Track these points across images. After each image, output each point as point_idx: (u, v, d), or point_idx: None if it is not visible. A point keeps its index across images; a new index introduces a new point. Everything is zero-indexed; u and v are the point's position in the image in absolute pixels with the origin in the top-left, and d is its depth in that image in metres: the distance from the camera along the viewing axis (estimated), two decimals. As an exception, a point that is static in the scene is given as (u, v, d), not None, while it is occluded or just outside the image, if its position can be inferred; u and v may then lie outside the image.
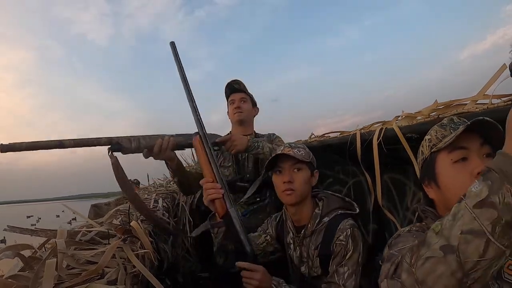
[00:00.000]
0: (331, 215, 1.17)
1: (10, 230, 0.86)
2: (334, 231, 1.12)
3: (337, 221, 1.14)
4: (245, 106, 1.81)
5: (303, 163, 1.18)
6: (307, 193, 1.20)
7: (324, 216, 1.18)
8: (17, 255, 0.72)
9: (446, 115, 1.24)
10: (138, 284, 0.89)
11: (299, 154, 1.18)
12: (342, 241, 1.08)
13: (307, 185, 1.19)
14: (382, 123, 1.59)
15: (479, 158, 0.68)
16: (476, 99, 1.22)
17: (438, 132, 0.77)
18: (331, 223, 1.15)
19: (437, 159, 0.74)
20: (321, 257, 1.13)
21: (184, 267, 2.03)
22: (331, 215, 1.17)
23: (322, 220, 1.17)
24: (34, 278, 0.63)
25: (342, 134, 1.84)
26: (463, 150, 0.70)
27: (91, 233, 0.98)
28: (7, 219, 26.59)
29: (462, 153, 0.70)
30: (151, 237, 1.31)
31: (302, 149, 1.21)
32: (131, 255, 0.89)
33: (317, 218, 1.18)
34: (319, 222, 1.17)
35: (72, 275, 0.72)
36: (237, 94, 1.83)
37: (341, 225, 1.12)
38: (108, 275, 0.77)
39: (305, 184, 1.18)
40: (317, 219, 1.18)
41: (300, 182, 1.17)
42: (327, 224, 1.15)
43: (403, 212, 1.70)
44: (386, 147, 1.46)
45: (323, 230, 1.15)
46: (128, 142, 1.16)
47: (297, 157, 1.16)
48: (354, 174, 1.94)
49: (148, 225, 1.38)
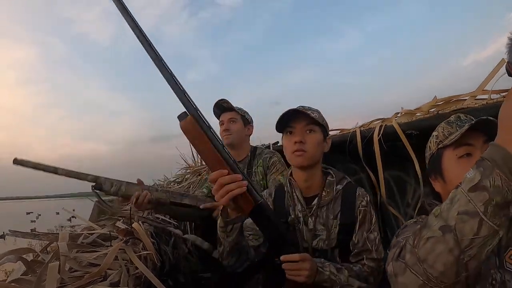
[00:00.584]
0: (343, 182, 1.13)
1: (12, 235, 0.86)
2: (353, 198, 1.08)
3: (353, 188, 1.10)
4: (234, 127, 1.68)
5: (317, 125, 1.10)
6: (318, 157, 1.12)
7: (337, 184, 1.12)
8: (19, 259, 0.72)
9: (446, 111, 1.24)
10: (141, 286, 0.89)
11: (313, 115, 1.09)
12: (366, 206, 1.06)
13: (319, 149, 1.10)
14: (382, 120, 1.59)
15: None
16: (475, 95, 1.22)
17: (445, 129, 0.80)
18: (346, 190, 1.10)
19: (443, 155, 0.77)
20: (342, 225, 1.07)
21: (185, 268, 2.03)
22: (343, 183, 1.13)
23: (336, 187, 1.11)
24: (37, 281, 0.64)
25: (341, 132, 1.84)
26: (468, 146, 0.72)
27: (93, 235, 0.99)
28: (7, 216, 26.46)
29: (467, 149, 0.72)
30: (152, 238, 1.31)
31: (315, 112, 1.12)
32: (133, 257, 0.89)
33: (332, 185, 1.11)
34: (335, 189, 1.11)
35: (74, 277, 0.72)
36: (226, 114, 1.70)
37: (359, 191, 1.09)
38: (111, 277, 0.77)
39: (317, 147, 1.09)
40: (333, 186, 1.11)
41: (312, 144, 1.08)
42: (342, 192, 1.10)
43: (403, 209, 1.70)
44: (386, 144, 1.46)
45: (339, 198, 1.10)
46: (110, 186, 1.32)
47: (312, 116, 1.07)
48: (355, 171, 1.94)
49: (150, 227, 1.38)
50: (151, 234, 1.32)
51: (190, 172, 2.88)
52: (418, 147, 1.25)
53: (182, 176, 2.93)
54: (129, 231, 1.05)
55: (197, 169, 2.79)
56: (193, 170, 2.83)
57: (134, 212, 1.49)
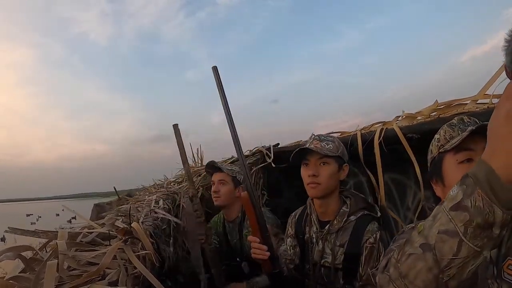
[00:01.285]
0: (358, 214, 1.17)
1: (12, 232, 0.86)
2: (363, 232, 1.12)
3: (365, 222, 1.13)
4: (224, 189, 1.73)
5: (330, 157, 1.16)
6: (333, 187, 1.19)
7: (351, 214, 1.17)
8: (18, 256, 0.72)
9: (447, 115, 1.24)
10: (139, 285, 0.89)
11: (326, 148, 1.16)
12: (373, 243, 1.09)
13: (333, 180, 1.18)
14: (383, 123, 1.59)
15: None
16: (477, 99, 1.23)
17: (447, 132, 0.78)
18: (358, 223, 1.14)
19: (444, 159, 0.76)
20: (347, 255, 1.13)
21: (185, 268, 2.03)
22: (358, 214, 1.16)
23: (349, 218, 1.17)
24: (35, 279, 0.63)
25: (342, 135, 1.84)
26: (469, 151, 0.71)
27: (92, 234, 0.98)
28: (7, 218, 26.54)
29: (468, 154, 0.71)
30: (152, 238, 1.31)
31: (331, 142, 1.19)
32: (132, 256, 0.89)
33: (344, 215, 1.17)
34: (346, 220, 1.16)
35: (73, 276, 0.72)
36: (217, 175, 1.77)
37: (370, 227, 1.12)
38: (109, 276, 0.77)
39: (330, 178, 1.16)
40: (344, 217, 1.17)
41: (325, 176, 1.16)
42: (354, 223, 1.15)
43: (403, 212, 1.70)
44: (386, 147, 1.46)
45: (350, 229, 1.15)
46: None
47: (322, 151, 1.14)
48: (355, 174, 1.94)
49: (149, 226, 1.38)
50: (150, 234, 1.32)
51: (190, 172, 2.88)
52: (419, 150, 1.25)
53: (182, 176, 2.93)
54: (128, 230, 1.04)
55: (197, 169, 2.79)
56: (193, 170, 2.82)
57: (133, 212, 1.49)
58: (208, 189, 2.75)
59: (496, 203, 0.42)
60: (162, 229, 1.69)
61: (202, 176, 2.61)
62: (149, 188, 3.18)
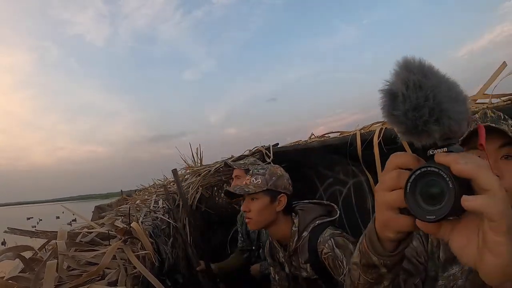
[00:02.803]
0: (309, 228, 1.18)
1: (11, 232, 0.86)
2: (316, 246, 1.12)
3: (316, 234, 1.14)
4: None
5: (258, 193, 1.19)
6: (268, 219, 1.21)
7: (302, 231, 1.19)
8: (18, 256, 0.72)
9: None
10: (139, 285, 0.89)
11: (253, 184, 1.20)
12: (329, 252, 1.08)
13: (266, 213, 1.20)
14: (382, 123, 1.59)
15: (494, 161, 0.67)
16: (476, 99, 1.22)
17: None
18: (311, 237, 1.15)
19: None
20: (315, 268, 1.15)
21: (184, 268, 2.03)
22: (309, 228, 1.18)
23: (302, 235, 1.18)
24: (35, 279, 0.63)
25: (342, 134, 1.84)
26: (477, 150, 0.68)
27: (92, 234, 0.98)
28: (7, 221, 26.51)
29: (476, 153, 0.68)
30: (151, 238, 1.31)
31: (260, 176, 1.22)
32: (132, 256, 0.89)
33: (295, 235, 1.19)
34: (299, 238, 1.18)
35: (72, 276, 0.72)
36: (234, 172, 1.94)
37: (320, 238, 1.12)
38: (109, 276, 0.77)
39: (261, 212, 1.19)
40: (295, 236, 1.18)
41: (255, 211, 1.19)
42: (307, 238, 1.16)
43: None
44: (386, 147, 1.46)
45: (306, 245, 1.16)
46: None
47: (248, 190, 1.19)
48: (354, 174, 1.94)
49: (149, 226, 1.38)
50: (149, 234, 1.32)
51: (190, 172, 2.88)
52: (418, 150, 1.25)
53: (182, 176, 2.93)
54: (128, 230, 1.04)
55: (196, 169, 2.79)
56: (193, 170, 2.82)
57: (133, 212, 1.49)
58: (208, 189, 2.76)
59: (372, 250, 0.52)
60: (162, 229, 1.69)
61: (202, 176, 2.61)
62: (148, 188, 3.18)
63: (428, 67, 0.35)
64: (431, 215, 0.37)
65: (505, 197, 0.34)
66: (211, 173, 2.64)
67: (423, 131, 0.35)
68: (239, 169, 1.92)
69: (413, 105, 0.34)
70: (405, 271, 0.71)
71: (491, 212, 0.34)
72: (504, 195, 0.34)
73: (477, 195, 0.34)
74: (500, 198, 0.34)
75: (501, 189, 0.34)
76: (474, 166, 0.34)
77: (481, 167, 0.34)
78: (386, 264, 0.52)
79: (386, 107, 0.37)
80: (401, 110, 0.35)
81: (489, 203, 0.34)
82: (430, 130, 0.35)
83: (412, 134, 0.36)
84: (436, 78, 0.34)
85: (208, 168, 2.68)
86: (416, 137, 0.36)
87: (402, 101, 0.34)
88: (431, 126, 0.34)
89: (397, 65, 0.36)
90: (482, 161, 0.36)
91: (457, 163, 0.35)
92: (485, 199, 0.34)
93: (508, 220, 0.34)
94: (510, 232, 0.34)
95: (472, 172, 0.34)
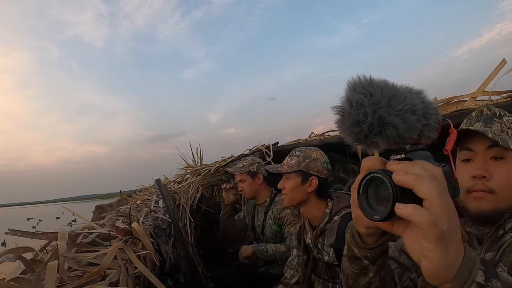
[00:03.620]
0: (341, 213, 1.24)
1: (12, 233, 0.86)
2: (344, 231, 1.17)
3: (347, 220, 1.19)
4: (244, 185, 2.00)
5: (290, 172, 1.30)
6: (300, 198, 1.30)
7: (334, 215, 1.25)
8: (18, 257, 0.72)
9: (446, 112, 1.24)
10: (140, 285, 0.89)
11: (288, 165, 1.31)
12: None
13: (297, 192, 1.29)
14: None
15: (482, 161, 0.67)
16: (476, 96, 1.22)
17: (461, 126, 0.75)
18: (342, 222, 1.21)
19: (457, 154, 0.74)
20: (337, 252, 1.20)
21: (185, 268, 2.03)
22: (341, 213, 1.24)
23: (333, 219, 1.24)
24: (36, 280, 0.63)
25: (342, 133, 1.84)
26: (468, 151, 0.69)
27: (92, 235, 0.98)
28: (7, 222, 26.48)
29: (467, 154, 0.69)
30: (152, 238, 1.31)
31: (295, 158, 1.32)
32: (133, 256, 0.89)
33: (326, 217, 1.25)
34: (329, 220, 1.24)
35: (73, 277, 0.72)
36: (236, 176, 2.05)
37: (350, 223, 1.16)
38: (110, 276, 0.77)
39: (292, 191, 1.30)
40: (326, 218, 1.25)
41: (288, 189, 1.30)
42: (338, 222, 1.22)
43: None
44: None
45: (335, 229, 1.22)
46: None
47: (283, 170, 1.31)
48: (355, 172, 1.94)
49: (149, 226, 1.38)
50: (150, 234, 1.32)
51: (190, 172, 2.88)
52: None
53: (182, 176, 2.93)
54: (129, 230, 1.04)
55: (196, 169, 2.79)
56: (193, 170, 2.83)
57: (134, 212, 1.49)
58: (208, 188, 2.76)
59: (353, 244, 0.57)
60: (162, 228, 1.69)
61: (202, 176, 2.61)
62: (149, 188, 3.18)
63: (376, 85, 0.39)
64: (377, 215, 0.41)
65: (442, 206, 0.37)
66: (211, 172, 2.64)
67: (366, 142, 0.40)
68: (240, 173, 1.98)
69: (355, 121, 0.39)
70: (402, 265, 0.72)
71: (418, 221, 0.36)
72: (442, 204, 0.37)
73: (407, 204, 0.37)
74: (436, 207, 0.36)
75: (439, 198, 0.37)
76: (413, 177, 0.37)
77: (420, 178, 0.37)
78: (367, 257, 0.56)
79: (337, 122, 0.42)
80: (346, 125, 0.40)
81: (417, 212, 0.37)
82: (372, 141, 0.40)
83: (360, 144, 0.41)
84: (381, 94, 0.39)
85: (208, 168, 2.68)
86: (364, 146, 0.41)
87: (347, 117, 0.40)
88: (372, 139, 0.39)
89: (347, 84, 0.41)
90: (424, 171, 0.38)
91: (397, 174, 0.39)
92: (414, 208, 0.37)
93: (439, 229, 0.36)
94: (442, 240, 0.37)
95: (409, 182, 0.37)
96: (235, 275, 2.08)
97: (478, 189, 0.66)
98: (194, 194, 2.51)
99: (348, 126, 0.40)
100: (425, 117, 0.40)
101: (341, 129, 0.42)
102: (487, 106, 0.75)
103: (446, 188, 0.39)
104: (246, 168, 1.99)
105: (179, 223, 1.45)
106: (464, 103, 1.23)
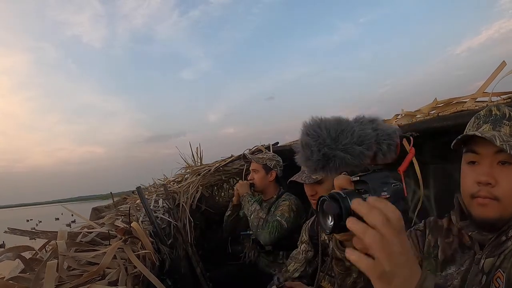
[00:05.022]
0: None
1: (11, 232, 0.86)
2: None
3: None
4: (256, 176, 2.01)
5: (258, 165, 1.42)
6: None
7: None
8: (18, 256, 0.72)
9: (446, 113, 1.24)
10: (139, 285, 0.89)
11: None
12: None
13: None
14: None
15: (489, 166, 0.65)
16: (476, 97, 1.22)
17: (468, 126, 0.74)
18: None
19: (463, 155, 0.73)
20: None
21: (185, 268, 2.03)
22: None
23: None
24: (35, 279, 0.63)
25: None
26: (473, 154, 0.68)
27: (92, 234, 0.98)
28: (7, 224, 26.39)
29: (473, 156, 0.68)
30: (151, 237, 1.31)
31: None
32: (132, 256, 0.89)
33: None
34: None
35: (73, 276, 0.72)
36: (251, 165, 2.06)
37: None
38: (109, 276, 0.77)
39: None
40: None
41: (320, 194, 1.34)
42: None
43: (403, 211, 1.70)
44: (386, 146, 1.46)
45: None
46: None
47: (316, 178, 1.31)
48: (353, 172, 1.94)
49: (149, 226, 1.38)
50: (150, 234, 1.32)
51: (189, 172, 2.88)
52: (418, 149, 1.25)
53: (181, 176, 2.93)
54: (128, 230, 1.04)
55: (196, 169, 2.79)
56: (193, 170, 2.82)
57: (133, 211, 1.49)
58: (208, 188, 2.75)
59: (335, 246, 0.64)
60: (162, 228, 1.69)
61: (202, 175, 2.61)
62: (148, 187, 3.17)
63: (324, 126, 0.47)
64: (328, 229, 0.50)
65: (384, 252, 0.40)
66: (211, 172, 2.64)
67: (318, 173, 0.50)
68: (257, 163, 2.00)
69: (305, 158, 0.49)
70: None
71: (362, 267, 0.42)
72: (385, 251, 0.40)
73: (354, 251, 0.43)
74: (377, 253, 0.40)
75: (380, 247, 0.40)
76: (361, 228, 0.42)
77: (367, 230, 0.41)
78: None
79: (296, 158, 0.51)
80: (301, 161, 0.50)
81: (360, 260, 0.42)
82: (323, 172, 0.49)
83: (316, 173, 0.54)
84: (327, 134, 0.46)
85: (208, 168, 2.68)
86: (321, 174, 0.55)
87: (300, 155, 0.50)
88: (320, 172, 0.49)
89: (302, 126, 0.49)
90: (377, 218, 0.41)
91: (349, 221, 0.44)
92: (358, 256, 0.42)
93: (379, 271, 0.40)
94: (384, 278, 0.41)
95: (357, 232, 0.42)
96: (235, 275, 2.08)
97: (483, 195, 0.64)
98: (193, 193, 2.50)
99: (302, 161, 0.50)
100: (378, 142, 0.49)
101: (299, 162, 0.51)
102: (497, 106, 0.71)
103: (400, 228, 0.42)
104: (264, 161, 2.01)
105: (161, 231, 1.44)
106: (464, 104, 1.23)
